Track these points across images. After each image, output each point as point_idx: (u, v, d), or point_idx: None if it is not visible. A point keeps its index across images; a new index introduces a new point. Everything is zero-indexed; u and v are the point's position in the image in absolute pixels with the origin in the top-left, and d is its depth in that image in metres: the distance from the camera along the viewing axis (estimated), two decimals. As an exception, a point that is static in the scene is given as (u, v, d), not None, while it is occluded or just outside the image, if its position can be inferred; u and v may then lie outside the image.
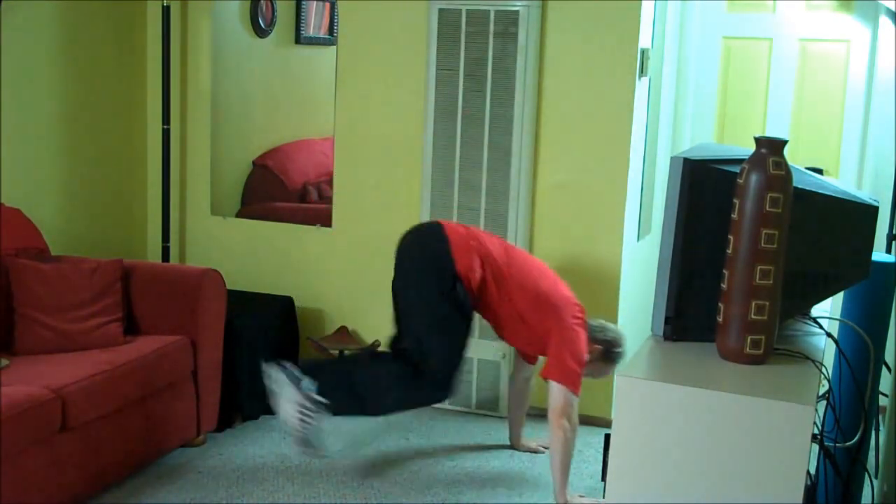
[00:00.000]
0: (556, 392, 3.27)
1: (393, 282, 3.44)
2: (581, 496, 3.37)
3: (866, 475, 2.84)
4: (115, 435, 3.24)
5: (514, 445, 3.84)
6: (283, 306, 4.27)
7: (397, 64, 4.23)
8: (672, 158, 2.07)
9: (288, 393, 3.28)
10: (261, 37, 4.98)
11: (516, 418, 3.83)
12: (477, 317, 3.48)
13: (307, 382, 3.30)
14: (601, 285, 4.04)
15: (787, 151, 1.93)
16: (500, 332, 3.48)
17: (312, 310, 4.47)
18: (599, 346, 3.42)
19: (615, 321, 4.04)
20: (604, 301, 4.05)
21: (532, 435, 3.92)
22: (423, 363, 3.32)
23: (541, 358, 3.56)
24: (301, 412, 3.27)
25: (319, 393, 3.29)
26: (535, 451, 3.80)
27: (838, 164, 4.47)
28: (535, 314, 3.33)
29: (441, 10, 3.98)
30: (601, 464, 3.27)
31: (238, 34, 4.84)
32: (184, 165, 4.67)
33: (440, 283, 3.29)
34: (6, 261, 3.44)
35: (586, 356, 3.33)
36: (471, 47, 3.97)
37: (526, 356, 3.65)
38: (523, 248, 4.07)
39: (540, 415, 4.18)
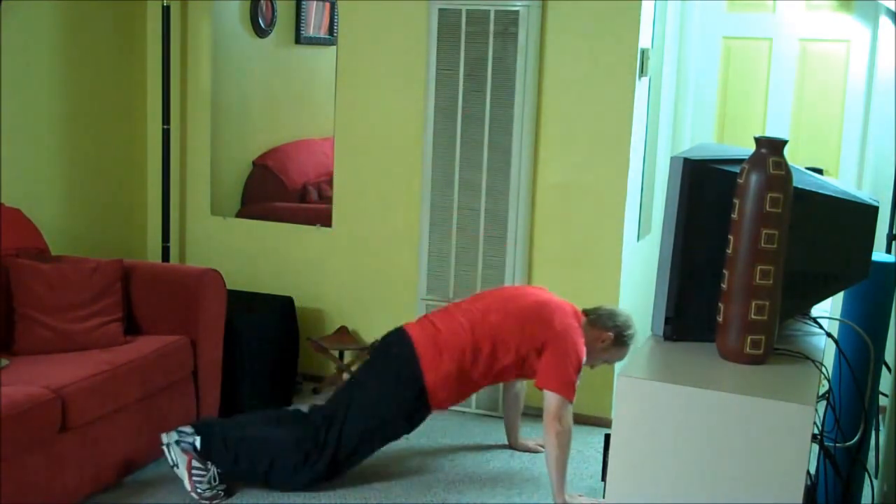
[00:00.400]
0: (551, 398, 3.29)
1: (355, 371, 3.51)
2: (580, 496, 3.36)
3: (866, 475, 2.84)
4: (115, 435, 3.24)
5: (512, 446, 3.85)
6: (283, 306, 4.26)
7: (397, 64, 4.23)
8: (672, 158, 2.08)
9: (179, 459, 3.29)
10: (261, 37, 4.98)
11: (512, 420, 3.84)
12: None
13: (193, 440, 3.30)
14: (601, 285, 4.04)
15: (787, 151, 1.93)
16: (503, 378, 3.49)
17: (312, 310, 4.47)
18: (611, 333, 3.42)
19: (615, 321, 4.05)
20: (604, 301, 4.04)
21: (530, 434, 3.92)
22: (328, 444, 3.32)
23: None
24: (193, 473, 3.27)
25: (203, 451, 3.28)
26: (534, 451, 3.80)
27: (838, 164, 4.47)
28: (526, 335, 3.32)
29: (441, 10, 3.98)
30: (601, 464, 3.27)
31: (238, 34, 4.84)
32: (184, 165, 4.67)
33: (404, 398, 3.34)
34: (6, 261, 3.44)
35: (584, 357, 3.33)
36: (471, 47, 3.97)
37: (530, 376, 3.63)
38: (523, 247, 4.07)
39: (538, 415, 4.19)
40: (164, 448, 3.30)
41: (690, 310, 2.08)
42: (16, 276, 3.42)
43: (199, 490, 3.27)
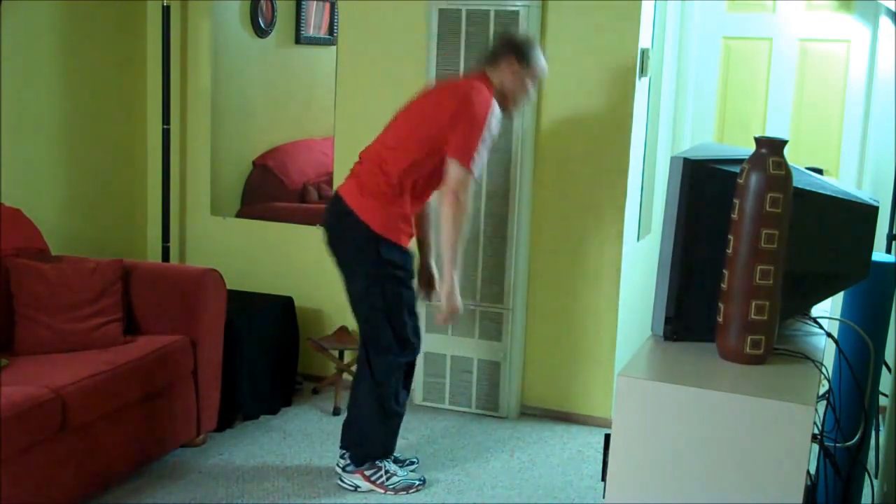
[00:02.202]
0: (451, 169, 3.13)
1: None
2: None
3: (866, 475, 2.84)
4: (115, 435, 3.24)
5: (423, 265, 3.58)
6: (283, 306, 4.26)
7: (397, 64, 4.23)
8: (672, 158, 2.08)
9: (356, 480, 3.44)
10: (261, 37, 4.98)
11: (426, 238, 3.56)
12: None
13: (349, 466, 3.45)
14: (601, 285, 4.04)
15: (787, 151, 1.93)
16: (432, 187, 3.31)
17: (312, 310, 4.47)
18: (510, 58, 3.24)
19: (615, 321, 4.05)
20: (604, 301, 4.05)
21: (533, 435, 3.92)
22: (376, 344, 3.32)
23: None
24: (374, 480, 3.42)
25: (359, 459, 3.42)
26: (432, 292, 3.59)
27: (838, 164, 4.47)
28: (431, 129, 3.19)
29: (441, 10, 3.98)
30: (601, 464, 3.27)
31: (238, 34, 4.84)
32: (184, 165, 4.67)
33: (365, 266, 3.25)
34: (6, 261, 3.44)
35: (486, 121, 3.13)
36: (471, 47, 3.97)
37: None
38: (523, 248, 4.07)
39: (540, 415, 4.19)
40: (340, 482, 3.45)
41: (690, 310, 2.08)
42: (16, 276, 3.42)
43: (392, 488, 3.40)
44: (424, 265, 3.57)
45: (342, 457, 3.47)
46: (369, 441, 3.43)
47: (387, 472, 3.44)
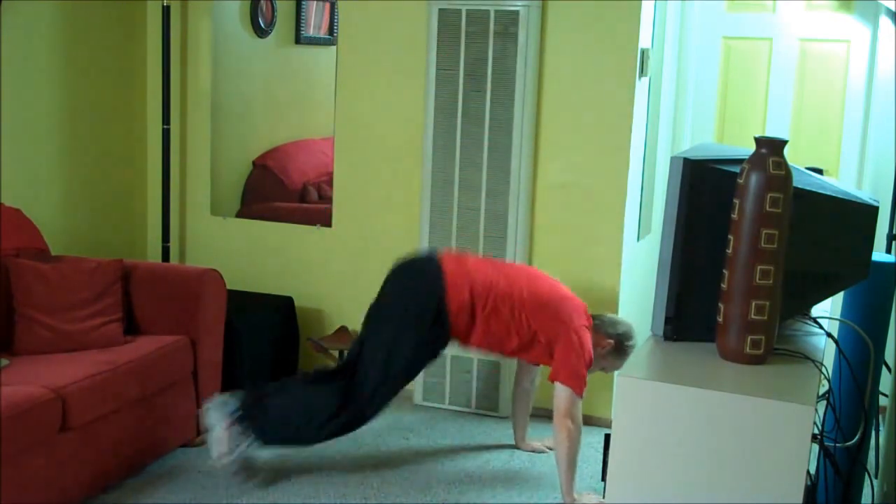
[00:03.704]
0: (561, 393, 3.28)
1: (371, 306, 3.47)
2: (590, 494, 3.36)
3: (866, 475, 2.84)
4: (115, 435, 3.24)
5: (518, 445, 3.84)
6: (283, 306, 4.26)
7: (397, 64, 4.23)
8: (672, 158, 2.08)
9: (217, 424, 3.36)
10: (261, 37, 4.97)
11: (520, 419, 3.83)
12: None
13: (234, 412, 3.37)
14: (601, 285, 4.04)
15: (787, 151, 1.93)
16: (503, 349, 3.45)
17: (312, 310, 4.47)
18: (611, 341, 3.43)
19: (615, 321, 4.05)
20: (604, 301, 4.04)
21: (536, 435, 3.92)
22: (359, 395, 3.34)
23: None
24: (226, 441, 3.35)
25: (244, 419, 3.35)
26: (540, 451, 3.80)
27: (838, 164, 4.47)
28: (544, 321, 3.33)
29: (441, 10, 3.98)
30: (601, 464, 3.27)
31: (238, 34, 4.84)
32: (184, 165, 4.67)
33: (423, 323, 3.32)
34: (6, 261, 3.44)
35: (592, 356, 3.34)
36: (471, 47, 3.97)
37: (529, 360, 3.64)
38: (523, 248, 4.07)
39: (544, 415, 4.18)
40: (206, 411, 3.37)
41: (690, 310, 2.08)
42: (16, 276, 3.42)
43: (228, 459, 3.34)
44: (518, 440, 3.85)
45: (225, 400, 3.39)
46: (268, 431, 3.38)
47: (244, 448, 3.37)
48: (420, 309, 3.33)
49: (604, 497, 1.92)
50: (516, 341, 3.35)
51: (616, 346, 3.43)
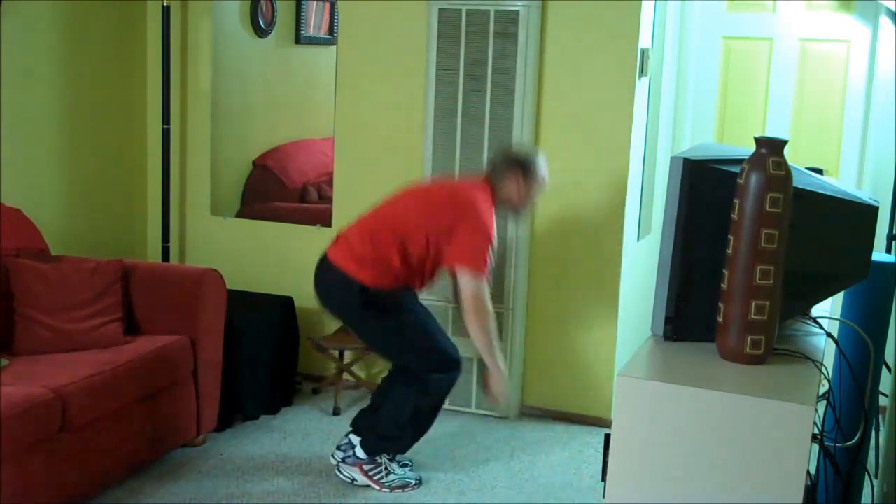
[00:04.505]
0: (464, 281, 3.20)
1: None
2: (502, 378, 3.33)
3: (866, 475, 2.84)
4: (115, 435, 3.24)
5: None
6: (283, 306, 4.26)
7: (397, 64, 4.23)
8: (672, 158, 2.08)
9: (353, 473, 3.48)
10: (261, 37, 4.98)
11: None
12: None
13: (357, 450, 3.47)
14: (601, 285, 4.04)
15: (787, 151, 1.93)
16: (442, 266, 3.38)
17: (312, 310, 4.46)
18: (515, 174, 3.32)
19: (615, 321, 4.05)
20: (604, 301, 4.05)
21: (533, 435, 3.92)
22: (414, 366, 3.38)
23: None
24: (371, 477, 3.45)
25: (367, 451, 3.46)
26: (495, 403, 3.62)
27: (838, 164, 4.47)
28: (434, 224, 3.24)
29: (441, 10, 3.98)
30: (601, 464, 3.27)
31: (238, 34, 4.84)
32: (184, 165, 4.66)
33: (358, 307, 3.30)
34: (6, 261, 3.44)
35: (492, 230, 3.21)
36: (471, 47, 3.97)
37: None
38: (523, 248, 4.07)
39: (541, 415, 4.19)
40: (337, 472, 3.50)
41: (690, 310, 2.08)
42: (16, 276, 3.42)
43: (388, 485, 3.43)
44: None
45: (340, 448, 3.50)
46: (391, 440, 3.46)
47: (385, 469, 3.45)
48: (347, 304, 3.32)
49: (604, 497, 1.92)
50: (446, 254, 3.26)
51: (524, 171, 3.33)
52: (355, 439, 3.48)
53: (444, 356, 3.38)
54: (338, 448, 3.52)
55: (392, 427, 3.44)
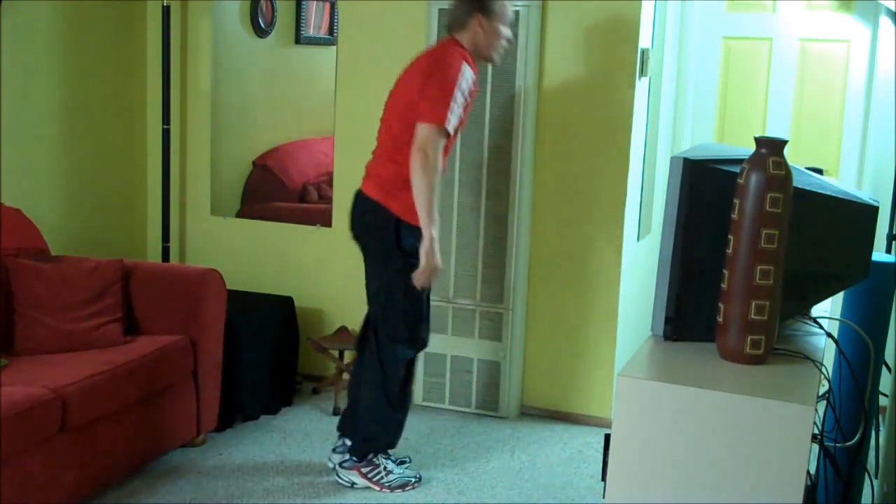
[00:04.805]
0: (419, 129, 3.10)
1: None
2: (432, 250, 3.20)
3: (866, 475, 2.84)
4: (115, 435, 3.24)
5: None
6: (283, 306, 4.26)
7: (397, 64, 4.20)
8: (672, 158, 2.08)
9: (352, 476, 3.47)
10: (261, 37, 4.97)
11: None
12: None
13: (348, 459, 3.47)
14: (601, 285, 4.04)
15: (787, 151, 1.93)
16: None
17: (312, 310, 4.47)
18: (476, 15, 3.22)
19: (615, 321, 4.05)
20: (604, 301, 4.05)
21: (533, 435, 3.92)
22: (388, 327, 3.35)
23: None
24: (371, 477, 3.45)
25: (359, 453, 3.45)
26: None
27: (838, 164, 4.47)
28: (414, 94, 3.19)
29: (441, 10, 3.98)
30: (601, 464, 3.27)
31: (238, 34, 4.84)
32: (184, 165, 4.66)
33: (389, 249, 3.26)
34: (6, 261, 3.44)
35: (456, 80, 3.12)
36: (471, 47, 3.96)
37: None
38: (523, 248, 4.07)
39: (541, 415, 4.19)
40: (336, 477, 3.48)
41: (690, 310, 2.08)
42: (16, 276, 3.42)
43: (388, 485, 3.43)
44: None
45: (336, 451, 3.50)
46: (373, 433, 3.44)
47: (385, 469, 3.45)
48: (384, 238, 3.27)
49: (604, 497, 1.92)
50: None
51: (484, 12, 3.22)
52: (348, 441, 3.48)
53: (417, 332, 3.37)
54: (333, 451, 3.52)
55: (372, 424, 3.43)
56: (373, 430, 3.44)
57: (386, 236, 3.28)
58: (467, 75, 3.18)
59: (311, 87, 5.29)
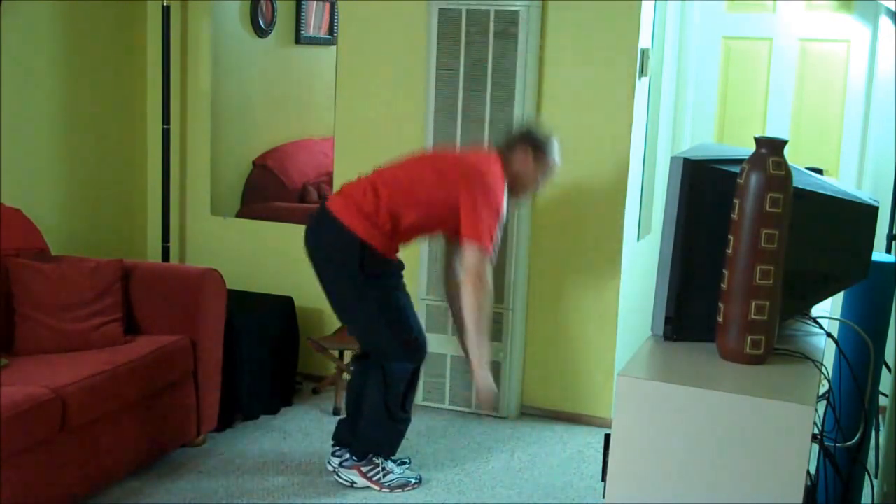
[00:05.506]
0: (467, 251, 3.11)
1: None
2: (488, 380, 3.22)
3: (866, 475, 2.84)
4: (115, 435, 3.24)
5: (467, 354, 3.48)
6: (283, 306, 4.26)
7: (397, 64, 4.22)
8: (672, 158, 2.08)
9: (352, 476, 3.47)
10: (261, 37, 4.98)
11: (457, 309, 3.43)
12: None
13: (348, 458, 3.46)
14: (601, 285, 4.04)
15: (787, 151, 1.93)
16: (433, 232, 3.39)
17: (312, 310, 4.47)
18: (525, 149, 3.28)
19: (615, 321, 4.05)
20: (604, 301, 4.05)
21: (533, 435, 3.92)
22: (381, 350, 3.35)
23: None
24: (370, 477, 3.45)
25: (359, 454, 3.45)
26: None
27: (838, 164, 4.47)
28: (442, 190, 3.19)
29: (441, 10, 3.98)
30: (601, 464, 3.27)
31: (238, 34, 4.84)
32: (184, 165, 4.66)
33: (350, 272, 3.21)
34: (6, 261, 3.44)
35: (502, 203, 3.16)
36: (471, 47, 3.97)
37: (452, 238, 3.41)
38: (523, 248, 4.07)
39: (541, 415, 4.19)
40: (336, 477, 3.48)
41: (690, 310, 2.08)
42: (16, 276, 3.42)
43: (387, 485, 3.43)
44: (464, 347, 3.44)
45: (335, 454, 3.50)
46: (374, 441, 3.45)
47: (384, 469, 3.45)
48: (343, 260, 3.22)
49: (604, 497, 1.92)
50: (437, 222, 3.25)
51: (534, 149, 3.28)
52: (344, 451, 3.49)
53: (413, 346, 3.35)
54: (332, 455, 3.52)
55: (373, 431, 3.43)
56: (376, 439, 3.45)
57: (348, 259, 3.20)
58: (505, 206, 3.23)
59: (311, 87, 5.29)
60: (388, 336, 3.32)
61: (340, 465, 3.47)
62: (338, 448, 3.51)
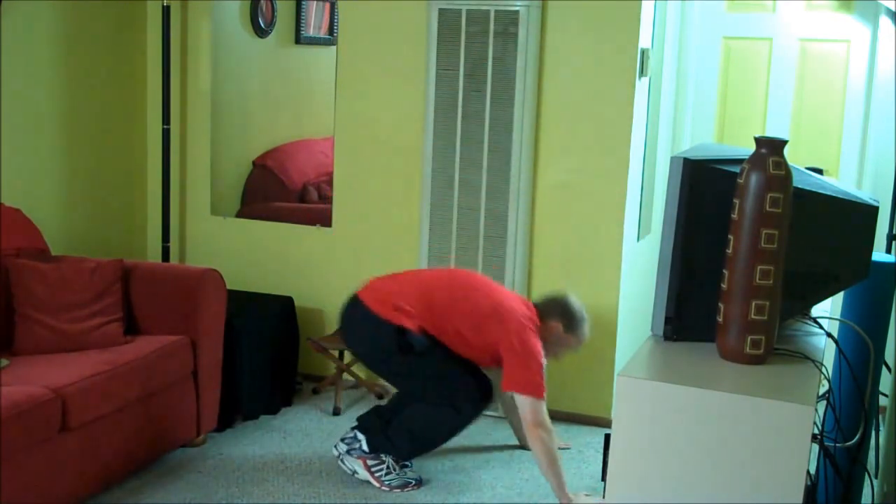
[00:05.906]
0: (523, 403, 3.26)
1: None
2: (587, 495, 3.35)
3: (866, 475, 2.84)
4: (115, 435, 3.24)
5: (523, 446, 3.82)
6: (283, 306, 4.26)
7: (397, 64, 4.22)
8: (672, 158, 2.08)
9: (356, 465, 3.50)
10: (261, 37, 4.97)
11: (517, 422, 3.77)
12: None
13: (363, 444, 3.48)
14: (601, 285, 4.04)
15: (787, 151, 1.93)
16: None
17: (312, 310, 4.47)
18: (558, 322, 3.39)
19: (615, 321, 4.05)
20: (604, 301, 4.05)
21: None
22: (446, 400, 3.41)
23: None
24: (373, 471, 3.47)
25: (371, 448, 3.47)
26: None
27: (838, 164, 4.47)
28: (478, 335, 3.32)
29: (441, 10, 3.98)
30: (601, 464, 3.27)
31: (238, 34, 4.84)
32: (184, 165, 4.66)
33: (391, 349, 3.33)
34: (6, 261, 3.44)
35: (542, 355, 3.29)
36: (471, 47, 3.97)
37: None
38: (523, 248, 4.07)
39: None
40: (339, 462, 3.51)
41: (690, 310, 2.08)
42: (16, 276, 3.42)
43: (388, 483, 3.44)
44: (519, 436, 3.83)
45: (344, 441, 3.50)
46: (399, 449, 3.47)
47: (388, 467, 3.45)
48: (381, 346, 3.36)
49: (603, 497, 1.92)
50: (469, 354, 3.37)
51: (565, 326, 3.39)
52: (361, 436, 3.48)
53: (473, 390, 3.39)
54: (342, 440, 3.52)
55: (406, 443, 3.45)
56: (401, 446, 3.44)
57: (387, 345, 3.33)
58: (540, 345, 3.31)
59: (311, 87, 5.29)
60: (446, 391, 3.38)
61: (348, 452, 3.48)
62: (350, 436, 3.50)
